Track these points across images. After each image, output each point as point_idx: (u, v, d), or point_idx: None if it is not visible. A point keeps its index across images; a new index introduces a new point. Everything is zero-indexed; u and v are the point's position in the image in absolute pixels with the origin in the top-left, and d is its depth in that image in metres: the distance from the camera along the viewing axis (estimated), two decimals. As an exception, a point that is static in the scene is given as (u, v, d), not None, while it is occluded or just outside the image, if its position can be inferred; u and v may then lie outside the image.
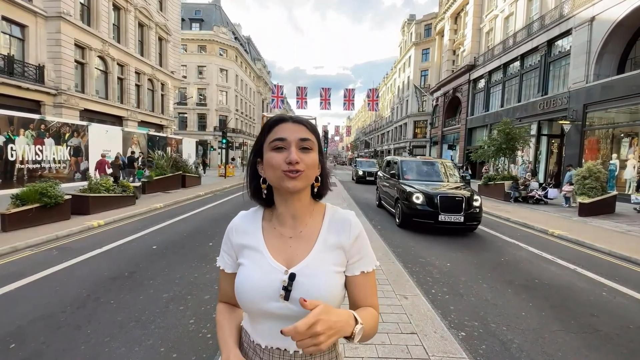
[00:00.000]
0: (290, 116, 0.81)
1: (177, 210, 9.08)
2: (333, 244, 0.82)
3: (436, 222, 6.73)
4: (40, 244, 5.46)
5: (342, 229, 0.83)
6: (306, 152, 0.78)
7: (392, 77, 55.91)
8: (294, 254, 0.81)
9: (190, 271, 4.37)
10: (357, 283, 0.83)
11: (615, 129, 13.31)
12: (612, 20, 12.75)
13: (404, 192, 7.33)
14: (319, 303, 0.65)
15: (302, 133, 0.78)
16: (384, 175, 9.97)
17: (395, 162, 9.04)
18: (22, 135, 9.63)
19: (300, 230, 0.83)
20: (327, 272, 0.79)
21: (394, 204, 8.07)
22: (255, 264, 0.80)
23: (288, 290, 0.74)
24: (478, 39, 25.24)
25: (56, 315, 3.10)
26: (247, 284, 0.78)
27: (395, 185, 8.19)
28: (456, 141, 27.68)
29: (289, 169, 0.74)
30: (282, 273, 0.77)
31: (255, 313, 0.80)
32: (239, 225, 0.88)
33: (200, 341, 2.74)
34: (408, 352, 2.42)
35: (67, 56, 15.44)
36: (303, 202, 0.83)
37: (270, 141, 0.78)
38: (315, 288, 0.76)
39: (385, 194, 9.26)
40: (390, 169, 9.40)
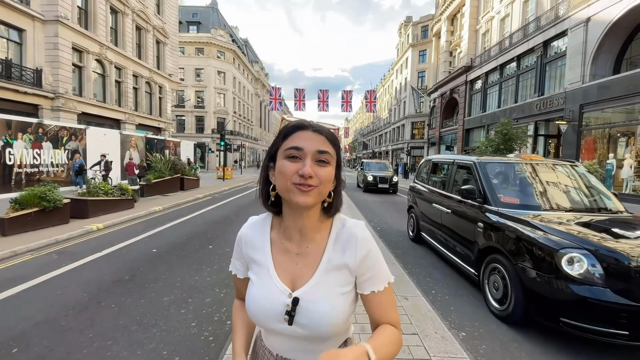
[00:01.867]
0: (311, 123, 0.76)
1: (176, 213, 9.08)
2: (338, 264, 0.78)
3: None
4: (40, 248, 5.46)
5: (348, 247, 0.78)
6: (322, 165, 0.72)
7: (390, 78, 56.10)
8: (299, 273, 0.78)
9: (191, 274, 4.38)
10: (370, 301, 0.80)
11: (611, 129, 13.40)
12: (607, 21, 12.86)
13: (540, 253, 2.89)
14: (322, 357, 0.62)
15: (320, 144, 0.72)
16: (425, 188, 5.91)
17: (466, 166, 4.54)
18: (20, 139, 9.61)
19: (307, 247, 0.80)
20: (331, 296, 0.76)
21: (479, 262, 3.71)
22: (261, 282, 0.79)
23: (291, 315, 0.73)
24: (475, 40, 25.38)
25: (58, 319, 3.11)
26: (253, 304, 0.78)
27: (479, 220, 3.77)
28: (454, 142, 27.78)
29: (300, 182, 0.70)
30: (286, 296, 0.76)
31: (262, 328, 0.83)
32: (247, 235, 0.85)
33: (203, 344, 2.75)
34: (409, 352, 2.44)
35: (64, 60, 15.43)
36: (312, 218, 0.78)
37: (285, 148, 0.73)
38: (319, 313, 0.74)
39: (441, 227, 4.91)
40: (445, 178, 5.30)
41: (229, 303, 3.54)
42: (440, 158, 6.10)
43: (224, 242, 6.05)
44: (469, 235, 3.95)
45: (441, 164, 6.01)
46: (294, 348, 0.79)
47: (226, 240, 6.25)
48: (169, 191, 13.04)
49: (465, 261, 4.09)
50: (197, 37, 40.37)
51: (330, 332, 0.76)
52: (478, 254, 3.69)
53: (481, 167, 4.15)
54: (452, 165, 5.06)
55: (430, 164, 6.14)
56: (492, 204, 3.68)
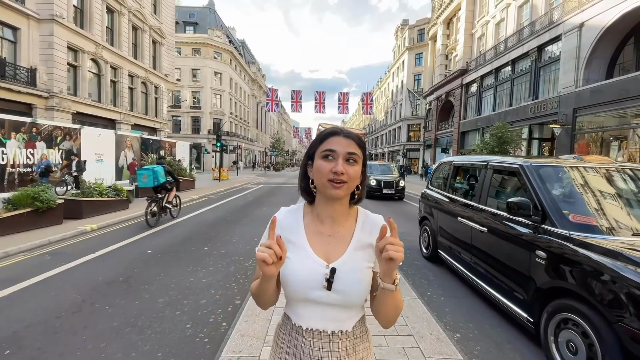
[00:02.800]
0: (342, 130, 0.92)
1: (172, 214, 9.01)
2: (365, 244, 0.93)
3: None
4: (33, 248, 5.39)
5: (374, 230, 0.93)
6: (351, 164, 0.89)
7: (386, 81, 56.39)
8: (332, 250, 0.93)
9: (186, 276, 4.35)
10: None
11: (604, 133, 13.58)
12: (600, 26, 13.05)
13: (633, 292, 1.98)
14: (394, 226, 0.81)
15: (350, 147, 0.89)
16: (444, 197, 4.90)
17: (509, 170, 3.53)
18: (13, 138, 9.52)
19: (338, 231, 0.95)
20: (361, 267, 0.91)
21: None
22: (299, 258, 0.91)
23: (330, 281, 0.87)
24: (470, 44, 25.61)
25: (51, 320, 3.07)
26: (293, 276, 0.90)
27: (539, 247, 2.73)
28: (449, 144, 27.96)
29: (334, 179, 0.86)
30: (323, 267, 0.89)
31: (299, 299, 0.92)
32: (282, 221, 0.97)
33: (198, 346, 2.74)
34: (405, 354, 2.45)
35: (59, 59, 15.32)
36: (342, 206, 0.96)
37: (321, 150, 0.90)
38: (352, 280, 0.88)
39: (470, 248, 3.87)
40: (474, 185, 4.28)
41: (224, 305, 3.52)
42: (466, 160, 4.94)
43: (220, 244, 6.03)
44: (520, 267, 2.93)
45: (467, 167, 4.85)
46: (324, 317, 0.91)
47: (222, 241, 6.22)
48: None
49: (510, 299, 3.03)
50: (194, 37, 40.30)
51: (359, 298, 0.90)
52: (537, 295, 2.68)
53: (534, 172, 3.10)
54: (484, 169, 3.95)
55: (452, 168, 5.01)
56: (557, 224, 2.65)
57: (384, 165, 16.00)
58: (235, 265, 4.82)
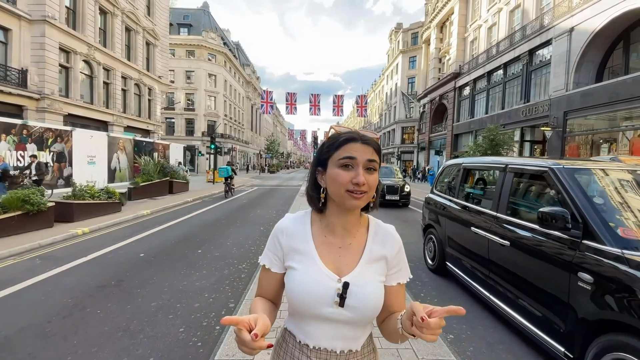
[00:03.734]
0: (360, 135, 0.84)
1: (165, 217, 8.95)
2: (378, 256, 0.88)
3: None
4: (23, 252, 5.31)
5: (386, 242, 0.90)
6: (371, 172, 0.82)
7: (381, 83, 56.73)
8: (343, 263, 0.86)
9: (180, 279, 4.32)
10: (393, 292, 0.90)
11: (594, 135, 13.82)
12: (590, 31, 13.31)
13: None
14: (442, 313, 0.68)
15: (369, 154, 0.82)
16: (453, 203, 4.36)
17: (536, 173, 3.04)
18: (3, 140, 9.37)
19: (349, 242, 0.89)
20: (374, 282, 0.85)
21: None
22: (308, 270, 0.84)
23: (343, 297, 0.80)
24: (463, 47, 25.91)
25: (42, 325, 3.03)
26: (301, 289, 0.83)
27: (583, 268, 2.22)
28: (443, 147, 28.19)
29: (354, 190, 0.79)
30: (334, 281, 0.82)
31: (307, 316, 0.85)
32: (288, 228, 0.91)
33: (191, 349, 2.72)
34: (399, 355, 2.47)
35: (51, 60, 15.14)
36: (355, 215, 0.90)
37: (338, 158, 0.82)
38: (366, 296, 0.82)
39: (489, 265, 3.34)
40: (491, 191, 3.79)
41: (218, 308, 3.50)
42: (480, 162, 4.40)
43: (214, 246, 6.00)
44: (555, 290, 2.42)
45: (481, 170, 4.41)
46: (334, 335, 0.84)
47: (216, 244, 6.19)
48: (157, 194, 12.85)
49: (541, 327, 2.54)
50: (188, 39, 40.14)
51: (372, 315, 0.84)
52: (579, 327, 2.19)
53: (568, 176, 2.60)
54: (503, 173, 3.40)
55: (461, 170, 4.44)
56: (605, 240, 2.16)
57: (387, 167, 14.08)
58: (229, 269, 4.80)
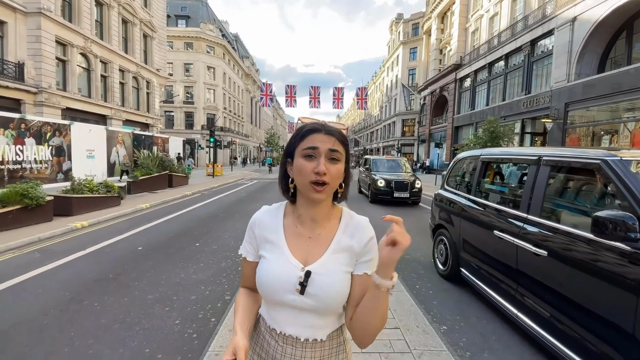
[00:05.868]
0: (324, 126, 0.87)
1: (164, 211, 8.97)
2: (345, 246, 0.89)
3: None
4: (21, 246, 5.34)
5: (356, 232, 0.91)
6: (334, 162, 0.84)
7: (381, 75, 56.26)
8: (311, 252, 0.89)
9: (177, 272, 4.35)
10: (360, 282, 0.88)
11: (595, 127, 13.74)
12: (593, 21, 13.12)
13: None
14: (399, 220, 0.75)
15: (332, 144, 0.84)
16: (469, 201, 3.80)
17: (584, 166, 2.43)
18: (1, 134, 9.35)
19: (319, 233, 0.91)
20: (339, 271, 0.87)
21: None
22: (276, 258, 0.89)
23: (304, 285, 0.83)
24: (464, 38, 25.61)
25: (39, 318, 3.05)
26: (267, 276, 0.87)
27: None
28: (443, 139, 28.08)
29: (316, 180, 0.81)
30: (299, 270, 0.86)
31: (272, 302, 0.89)
32: (262, 219, 0.96)
33: (186, 341, 2.75)
34: (390, 346, 2.49)
35: (48, 53, 15.02)
36: (324, 208, 0.91)
37: (302, 148, 0.85)
38: (327, 285, 0.84)
39: (516, 275, 2.80)
40: (518, 189, 3.48)
41: (214, 300, 3.53)
42: (503, 154, 3.71)
43: (211, 240, 6.02)
44: (615, 317, 1.95)
45: (505, 162, 3.81)
46: (298, 322, 0.87)
47: (213, 237, 6.21)
48: (156, 188, 12.87)
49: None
50: (186, 31, 39.74)
51: (334, 303, 0.86)
52: None
53: (631, 172, 2.11)
54: (536, 166, 2.81)
55: (479, 164, 3.81)
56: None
57: (394, 161, 12.68)
58: (226, 261, 4.82)
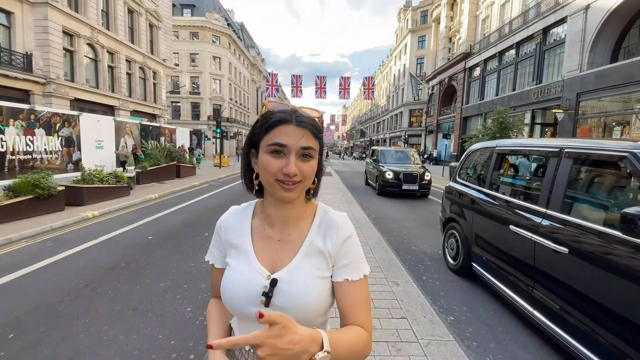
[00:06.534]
0: (295, 116, 0.72)
1: (173, 201, 9.08)
2: (317, 248, 0.78)
3: None
4: (35, 235, 5.47)
5: (329, 232, 0.79)
6: (306, 160, 0.72)
7: (388, 65, 55.43)
8: (280, 257, 0.78)
9: (187, 261, 4.42)
10: (342, 291, 0.77)
11: (607, 118, 13.44)
12: (606, 9, 12.71)
13: None
14: (276, 319, 0.54)
15: (304, 140, 0.71)
16: (482, 194, 3.68)
17: (632, 160, 2.03)
18: (12, 125, 9.47)
19: (289, 234, 0.80)
20: (309, 277, 0.75)
21: None
22: (240, 266, 0.78)
23: (268, 296, 0.72)
24: (474, 26, 25.02)
25: (54, 305, 3.15)
26: (229, 286, 0.77)
27: None
28: (451, 130, 27.75)
29: (284, 179, 0.70)
30: (264, 278, 0.75)
31: (237, 315, 0.79)
32: (228, 222, 0.86)
33: (198, 328, 2.82)
34: (398, 335, 2.52)
35: (55, 44, 15.07)
36: (296, 206, 0.80)
37: (268, 143, 0.71)
38: (296, 294, 0.73)
39: (532, 273, 2.69)
40: (536, 183, 3.27)
41: (223, 289, 3.59)
42: (519, 145, 3.57)
43: (220, 230, 6.08)
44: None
45: (522, 154, 3.60)
46: None
47: (222, 227, 6.27)
48: (165, 178, 13.01)
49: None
50: (192, 20, 39.44)
51: (306, 316, 0.73)
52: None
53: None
54: (557, 159, 2.64)
55: (494, 155, 3.66)
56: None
57: (404, 152, 12.37)
58: (234, 251, 4.88)
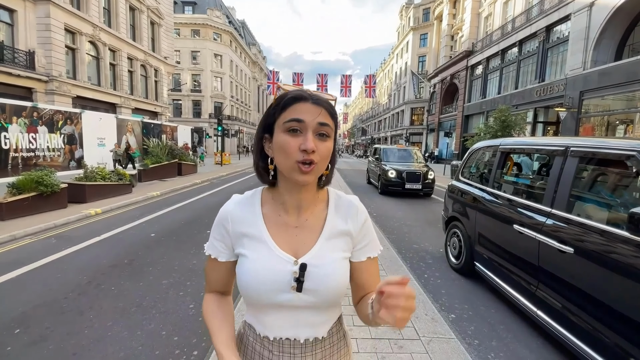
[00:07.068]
0: (310, 94, 0.72)
1: (174, 198, 9.11)
2: (340, 231, 0.80)
3: None
4: (38, 232, 5.50)
5: (349, 214, 0.81)
6: (323, 139, 0.71)
7: (390, 62, 55.26)
8: (301, 243, 0.77)
9: (189, 258, 4.45)
10: (364, 268, 0.82)
11: (610, 116, 13.38)
12: (611, 6, 12.63)
13: None
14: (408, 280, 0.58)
15: (321, 117, 0.70)
16: (485, 193, 3.66)
17: (620, 159, 2.17)
18: (14, 123, 9.52)
19: (306, 219, 0.80)
20: (336, 259, 0.77)
21: None
22: (260, 255, 0.76)
23: (300, 281, 0.72)
24: (477, 24, 24.91)
25: (59, 301, 3.18)
26: (253, 277, 0.74)
27: None
28: (453, 128, 27.69)
29: (303, 159, 0.68)
30: (291, 264, 0.74)
31: (262, 306, 0.77)
32: (234, 212, 0.81)
33: (201, 325, 2.83)
34: (400, 333, 2.53)
35: (57, 41, 15.10)
36: (310, 191, 0.79)
37: (284, 121, 0.70)
38: (325, 276, 0.74)
39: (535, 272, 2.69)
40: (538, 182, 3.44)
41: (226, 286, 3.61)
42: (524, 143, 3.52)
43: (222, 227, 6.11)
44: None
45: (526, 153, 3.65)
46: (296, 323, 0.77)
47: (224, 225, 6.30)
48: (166, 176, 13.04)
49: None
50: (193, 18, 39.40)
51: (335, 297, 0.76)
52: None
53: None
54: (562, 157, 2.64)
55: (498, 154, 3.65)
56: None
57: (406, 151, 12.27)
58: (236, 249, 4.90)
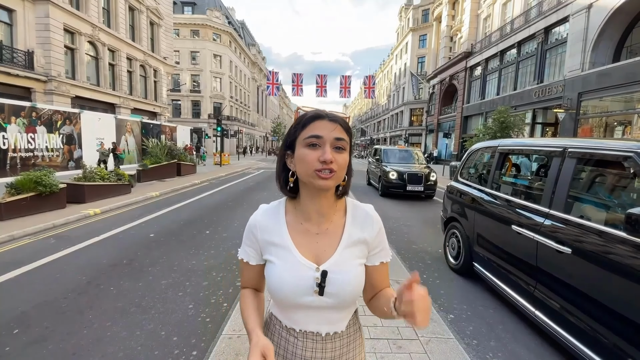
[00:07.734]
0: (327, 113, 0.82)
1: (174, 199, 9.11)
2: (357, 239, 0.87)
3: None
4: (37, 232, 5.50)
5: (365, 224, 0.89)
6: (340, 152, 0.79)
7: (389, 63, 55.33)
8: (321, 250, 0.85)
9: (188, 258, 4.45)
10: (377, 271, 0.91)
11: (608, 117, 13.43)
12: (609, 7, 12.67)
13: None
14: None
15: (337, 132, 0.79)
16: (483, 194, 3.70)
17: (617, 160, 2.19)
18: (13, 123, 9.50)
19: (327, 227, 0.87)
20: (355, 266, 0.85)
21: None
22: (285, 262, 0.84)
23: (322, 286, 0.81)
24: (476, 25, 24.98)
25: (58, 301, 3.18)
26: (279, 283, 0.83)
27: None
28: (452, 129, 27.74)
29: (322, 168, 0.76)
30: (313, 270, 0.82)
31: (289, 306, 0.86)
32: (262, 221, 0.89)
33: (200, 325, 2.84)
34: (399, 333, 2.55)
35: (56, 41, 15.08)
36: (329, 199, 0.86)
37: (305, 137, 0.79)
38: (345, 282, 0.82)
39: (534, 272, 2.72)
40: (536, 183, 3.65)
41: (225, 286, 3.62)
42: (522, 145, 3.51)
43: (221, 228, 6.12)
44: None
45: (525, 154, 3.72)
46: (318, 320, 0.86)
47: (223, 225, 6.31)
48: (165, 176, 13.02)
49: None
50: (192, 18, 39.40)
51: (353, 299, 0.86)
52: None
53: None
54: (560, 158, 2.62)
55: (496, 155, 3.67)
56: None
57: (407, 152, 11.95)
58: (236, 249, 4.90)
